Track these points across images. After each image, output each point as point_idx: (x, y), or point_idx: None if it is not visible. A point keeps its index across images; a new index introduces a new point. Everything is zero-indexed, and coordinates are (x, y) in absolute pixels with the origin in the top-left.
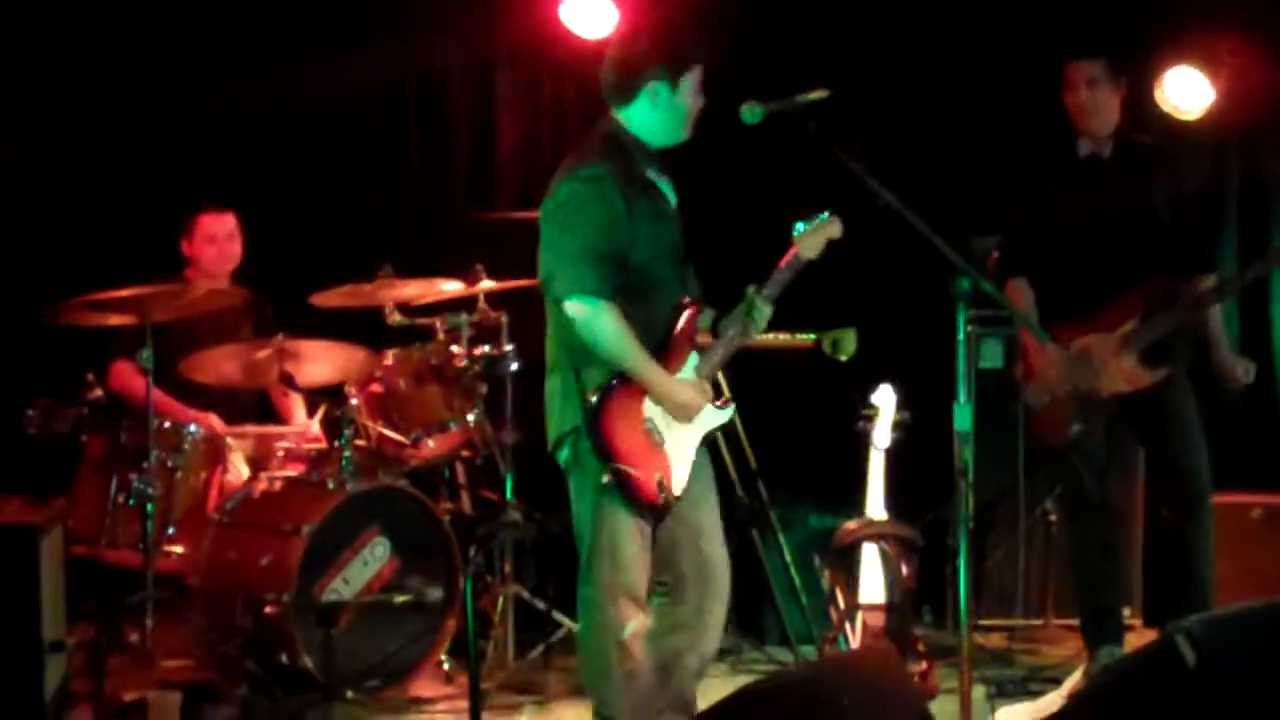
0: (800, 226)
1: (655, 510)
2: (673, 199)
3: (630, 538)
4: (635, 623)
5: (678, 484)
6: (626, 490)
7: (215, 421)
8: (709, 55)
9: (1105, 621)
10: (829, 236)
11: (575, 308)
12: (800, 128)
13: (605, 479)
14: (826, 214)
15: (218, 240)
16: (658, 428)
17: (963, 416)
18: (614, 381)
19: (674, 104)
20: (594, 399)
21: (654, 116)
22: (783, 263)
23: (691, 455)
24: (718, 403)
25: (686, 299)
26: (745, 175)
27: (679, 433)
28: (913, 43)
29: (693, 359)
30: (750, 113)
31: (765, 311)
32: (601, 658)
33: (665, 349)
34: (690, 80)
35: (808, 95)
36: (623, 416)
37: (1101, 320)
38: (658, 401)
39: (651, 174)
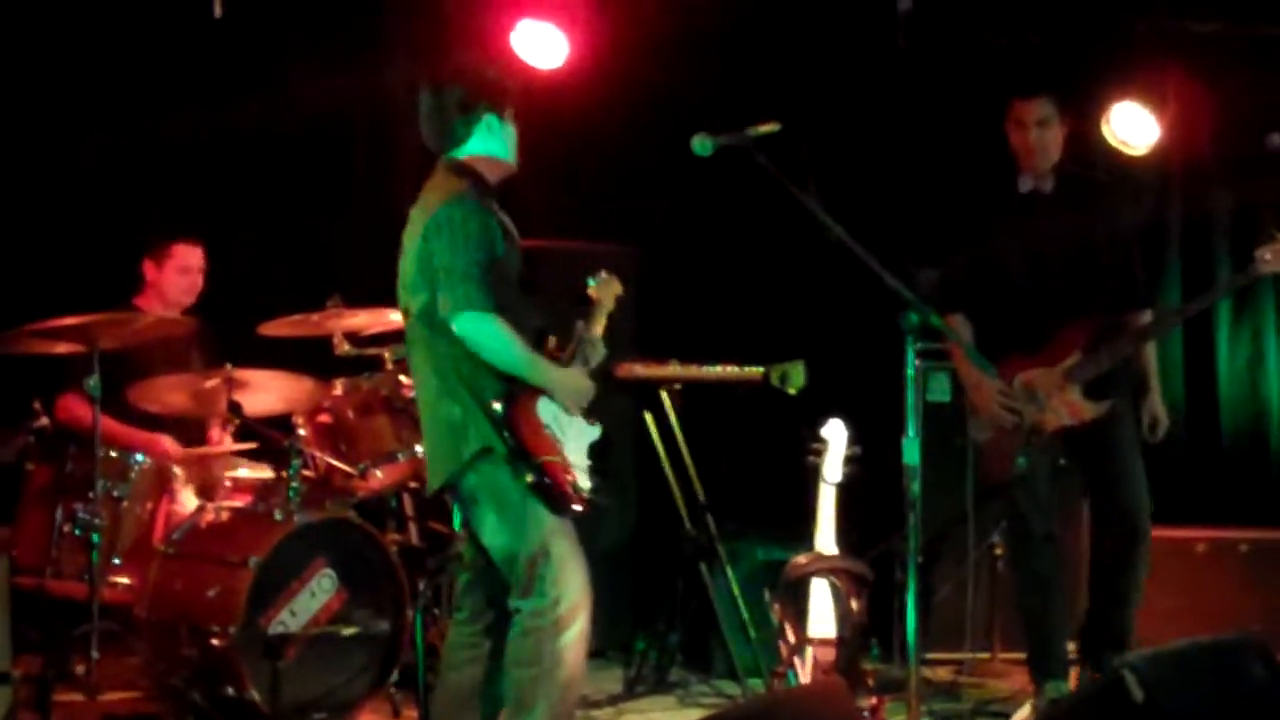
0: (592, 281)
1: (573, 507)
2: (515, 232)
3: (562, 537)
4: (578, 626)
5: (585, 485)
6: (549, 490)
7: (168, 443)
8: (518, 91)
9: (1050, 657)
10: (615, 293)
11: (469, 324)
12: (751, 161)
13: (530, 479)
14: (604, 273)
15: (190, 272)
16: (554, 429)
17: (911, 450)
18: (511, 389)
19: (504, 134)
20: (499, 405)
21: (491, 147)
22: (589, 318)
23: (585, 460)
24: (590, 420)
25: (542, 329)
26: (697, 207)
27: (571, 439)
28: (861, 76)
29: None
30: (701, 145)
31: (600, 346)
32: (536, 666)
33: None
34: (509, 112)
35: (759, 128)
36: (527, 420)
37: (1044, 355)
38: (554, 395)
39: (500, 213)
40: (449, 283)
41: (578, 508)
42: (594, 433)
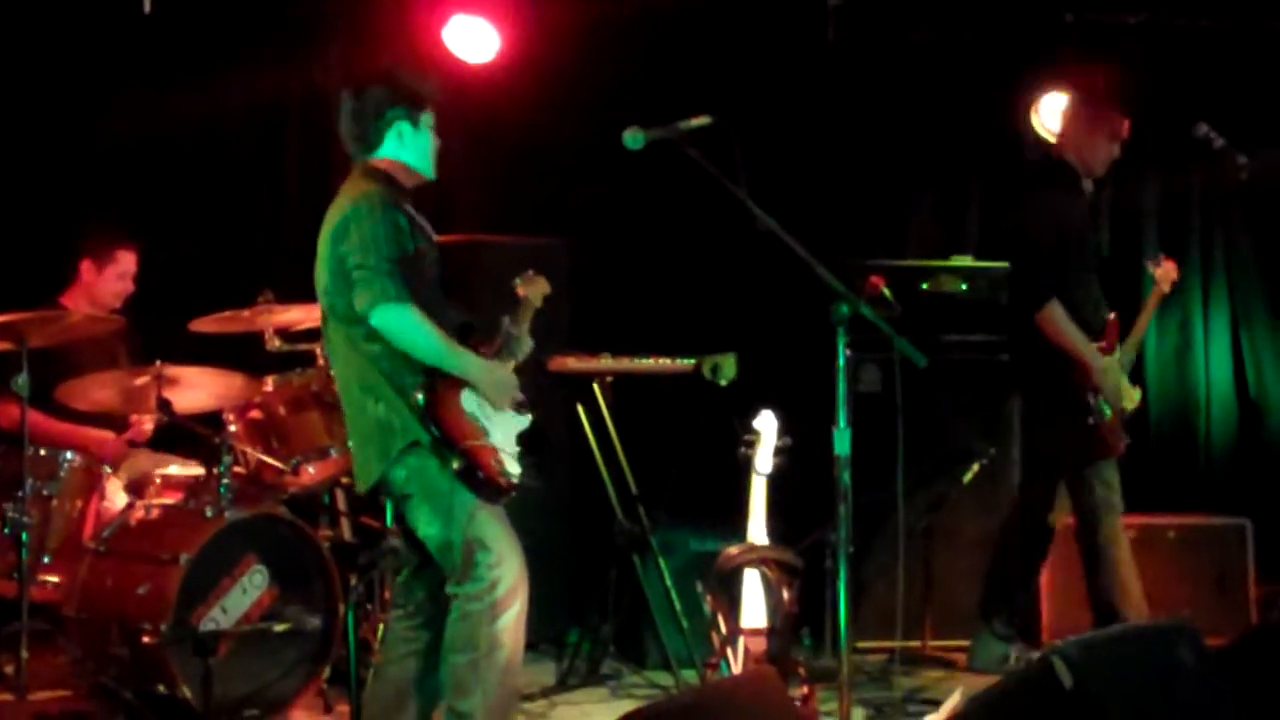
0: (519, 280)
1: (502, 491)
2: (433, 234)
3: (494, 519)
4: (516, 608)
5: (513, 471)
6: (475, 475)
7: (112, 437)
8: (438, 97)
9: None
10: (542, 291)
11: (386, 317)
12: (682, 154)
13: (456, 466)
14: (531, 272)
15: (127, 278)
16: (480, 419)
17: (842, 441)
18: (433, 380)
19: (418, 141)
20: (421, 396)
21: (402, 155)
22: (516, 312)
23: (514, 447)
24: (521, 410)
25: (466, 324)
26: (628, 200)
27: (498, 427)
28: (791, 70)
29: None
30: (633, 139)
31: (526, 342)
32: (475, 651)
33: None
34: (428, 118)
35: (690, 122)
36: (449, 410)
37: (1103, 345)
38: (477, 387)
39: (413, 213)
40: (363, 280)
41: (507, 492)
42: (523, 422)
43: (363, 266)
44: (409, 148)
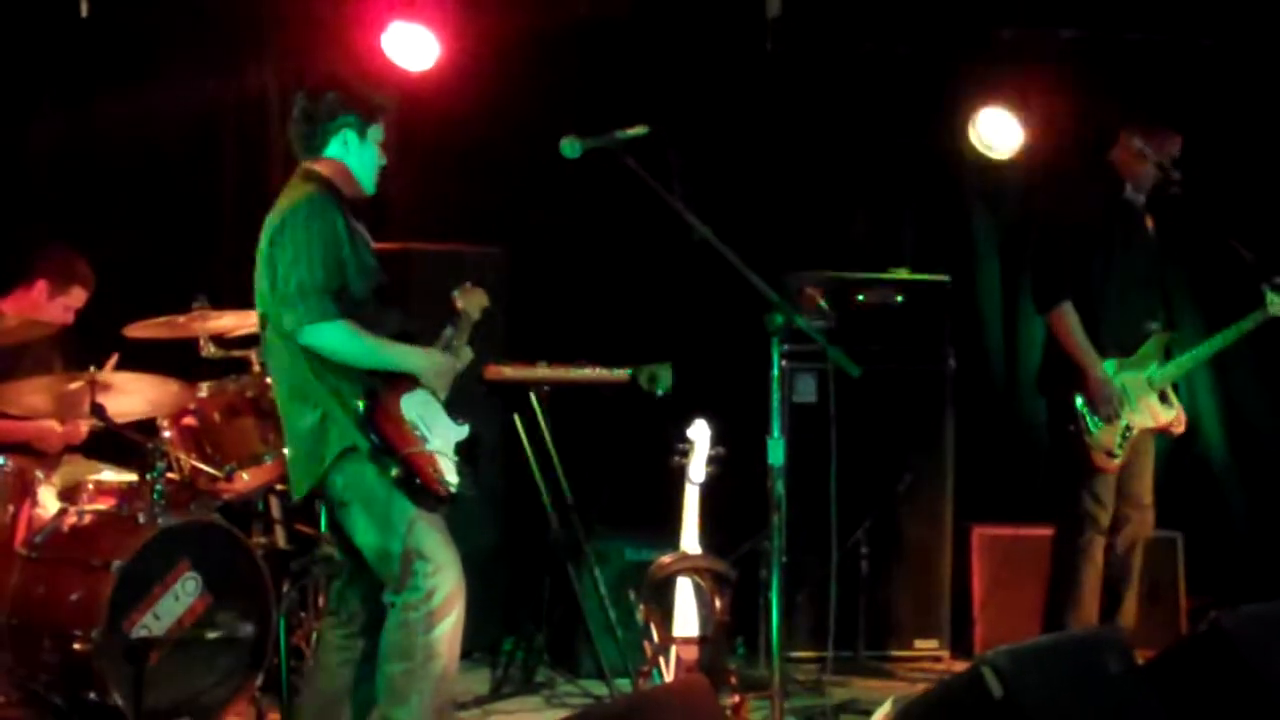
0: (456, 292)
1: (440, 500)
2: (370, 241)
3: (432, 527)
4: (453, 617)
5: (451, 480)
6: (413, 484)
7: (55, 426)
8: (392, 112)
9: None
10: (480, 304)
11: (315, 337)
12: (619, 163)
13: (395, 473)
14: (469, 284)
15: (72, 311)
16: (420, 427)
17: (776, 450)
18: (373, 386)
19: (363, 153)
20: (361, 404)
21: (347, 160)
22: (453, 324)
23: (453, 457)
24: (459, 420)
25: (405, 332)
26: (565, 209)
27: (438, 435)
28: (729, 80)
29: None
30: (570, 147)
31: (466, 351)
32: (411, 660)
33: (400, 377)
34: (376, 133)
35: (626, 131)
36: (389, 418)
37: (1136, 358)
38: (420, 377)
39: (351, 218)
40: (290, 300)
41: (445, 501)
42: (462, 431)
43: (288, 282)
44: (353, 155)
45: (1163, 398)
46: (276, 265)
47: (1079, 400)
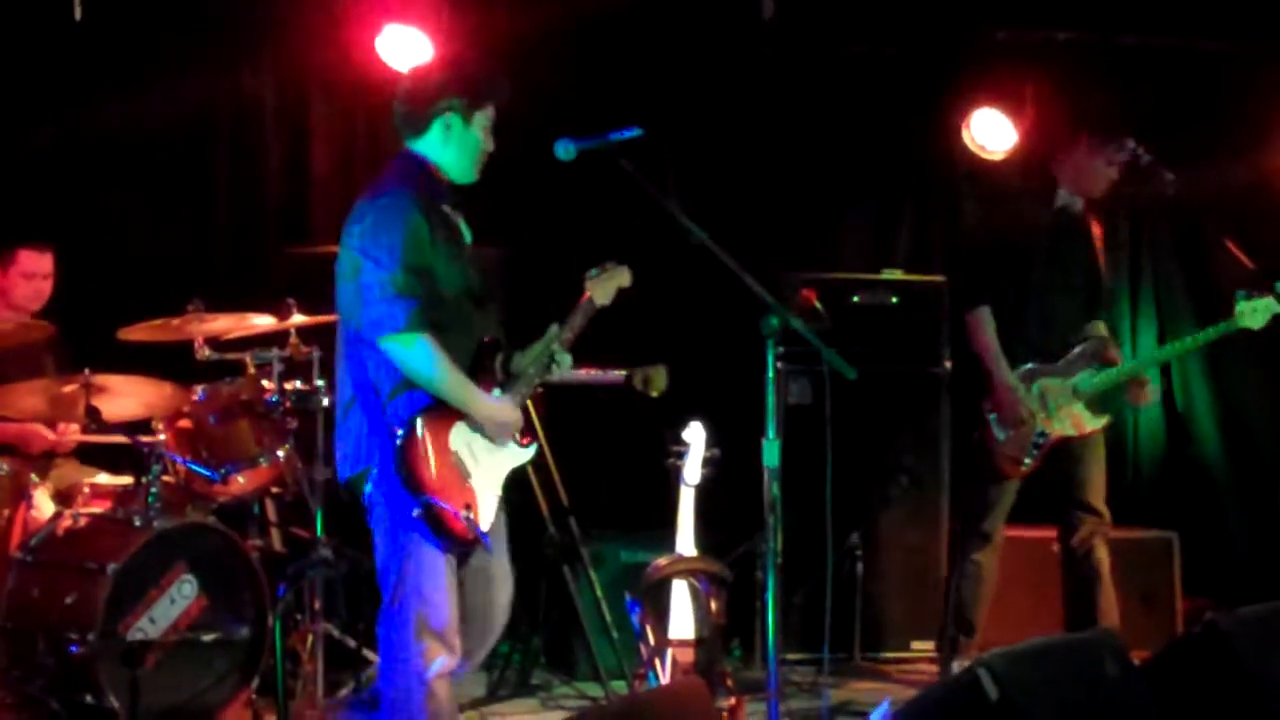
0: (593, 272)
1: (464, 544)
2: (468, 235)
3: (437, 573)
4: (441, 661)
5: (485, 519)
6: (435, 524)
7: (42, 428)
8: (503, 96)
9: (959, 636)
10: (619, 284)
11: (392, 346)
12: (614, 165)
13: (415, 513)
14: (614, 262)
15: (35, 278)
16: (464, 461)
17: (771, 452)
18: (419, 416)
19: (466, 139)
20: (400, 433)
21: (447, 150)
22: (576, 307)
23: (498, 491)
24: (522, 440)
25: (487, 338)
26: (559, 211)
27: (485, 468)
28: (724, 82)
29: (495, 395)
30: (565, 150)
31: (566, 357)
32: (406, 698)
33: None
34: (483, 118)
35: (621, 134)
36: (430, 450)
37: (1061, 365)
38: (476, 426)
39: (447, 208)
40: (370, 300)
41: (468, 544)
42: (523, 455)
43: (369, 284)
44: (454, 144)
45: (1092, 405)
46: (356, 261)
47: (986, 406)
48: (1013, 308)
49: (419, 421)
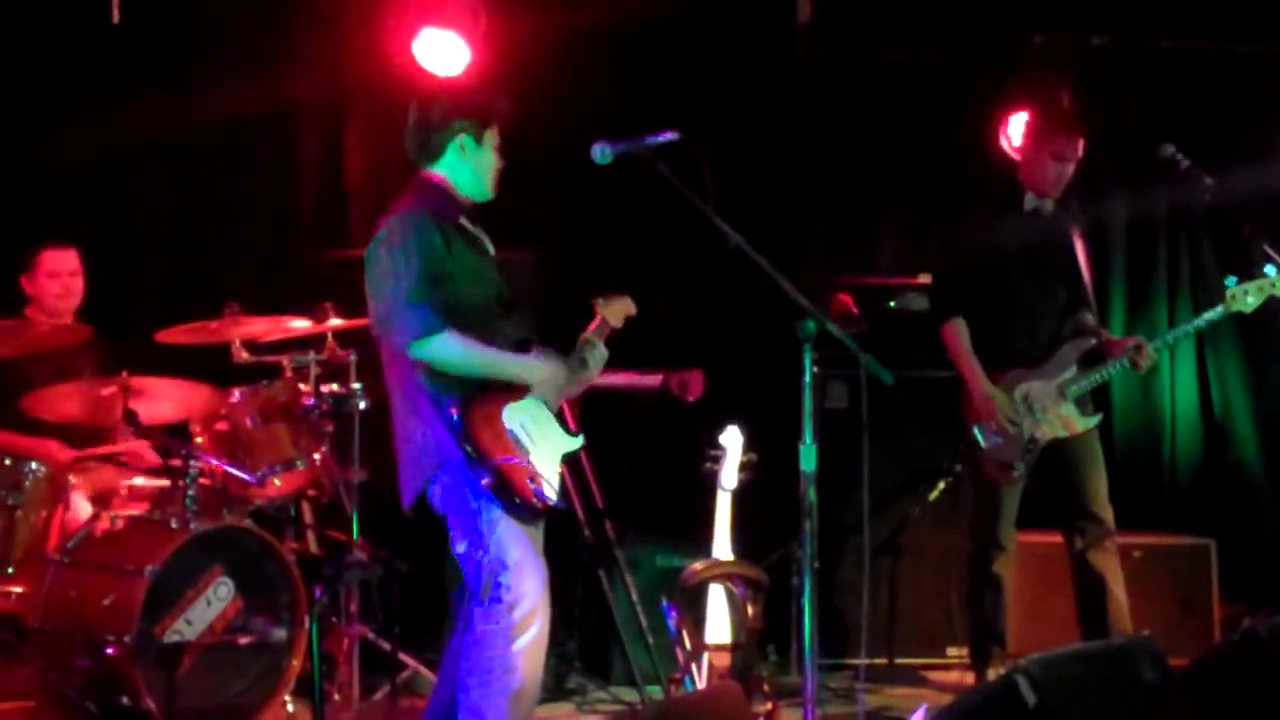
0: (601, 301)
1: (535, 511)
2: (490, 248)
3: (519, 542)
4: (531, 633)
5: (550, 492)
6: (506, 492)
7: (56, 448)
8: (507, 117)
9: (991, 646)
10: (626, 311)
11: (422, 351)
12: (650, 169)
13: (485, 481)
14: (614, 295)
15: (60, 276)
16: (520, 440)
17: (808, 457)
18: (471, 394)
19: (479, 158)
20: (455, 412)
21: (463, 169)
22: (591, 329)
23: (556, 469)
24: (571, 429)
25: (525, 340)
26: (596, 215)
27: (541, 449)
28: (760, 86)
29: (533, 355)
30: (601, 154)
31: (600, 349)
32: (490, 673)
33: (506, 387)
34: (492, 136)
35: (658, 138)
36: (487, 424)
37: (1043, 367)
38: (533, 387)
39: (465, 221)
40: (394, 315)
41: (541, 513)
42: (574, 442)
43: (393, 301)
44: (469, 164)
45: (1081, 404)
46: (377, 277)
47: (969, 415)
48: (992, 315)
49: (472, 400)
